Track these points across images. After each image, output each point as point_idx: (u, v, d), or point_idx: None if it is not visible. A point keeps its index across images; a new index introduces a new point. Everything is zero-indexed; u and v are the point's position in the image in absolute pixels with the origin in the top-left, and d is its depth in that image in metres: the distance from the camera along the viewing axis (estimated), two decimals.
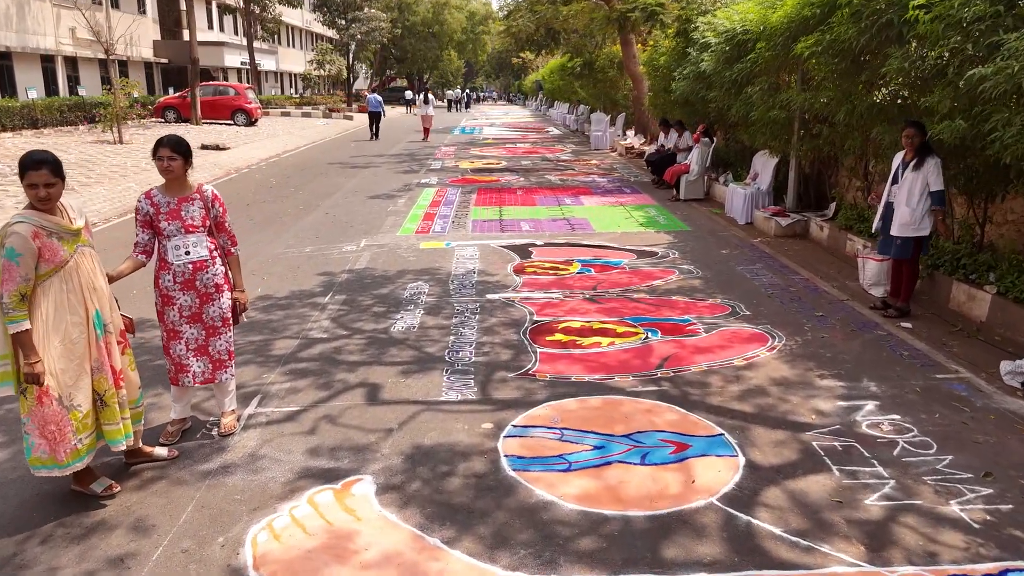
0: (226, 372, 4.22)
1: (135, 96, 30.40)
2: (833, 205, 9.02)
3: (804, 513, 3.45)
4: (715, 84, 10.42)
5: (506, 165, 17.51)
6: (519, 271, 7.78)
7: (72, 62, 28.34)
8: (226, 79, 41.32)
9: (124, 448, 3.67)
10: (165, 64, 35.11)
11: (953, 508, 3.48)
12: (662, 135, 14.26)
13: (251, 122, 27.56)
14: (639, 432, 4.25)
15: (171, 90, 32.52)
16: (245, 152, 19.67)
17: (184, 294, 4.07)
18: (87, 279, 3.46)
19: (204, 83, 29.40)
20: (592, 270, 7.80)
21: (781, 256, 8.34)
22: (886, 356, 5.38)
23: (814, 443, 4.11)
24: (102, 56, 29.74)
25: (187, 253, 4.06)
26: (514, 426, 4.33)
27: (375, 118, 25.32)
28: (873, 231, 6.27)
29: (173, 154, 4.02)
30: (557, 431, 4.27)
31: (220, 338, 4.18)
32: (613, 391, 4.81)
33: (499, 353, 5.47)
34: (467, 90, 66.32)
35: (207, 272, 4.11)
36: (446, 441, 4.16)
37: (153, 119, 27.56)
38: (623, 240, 9.23)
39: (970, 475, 3.77)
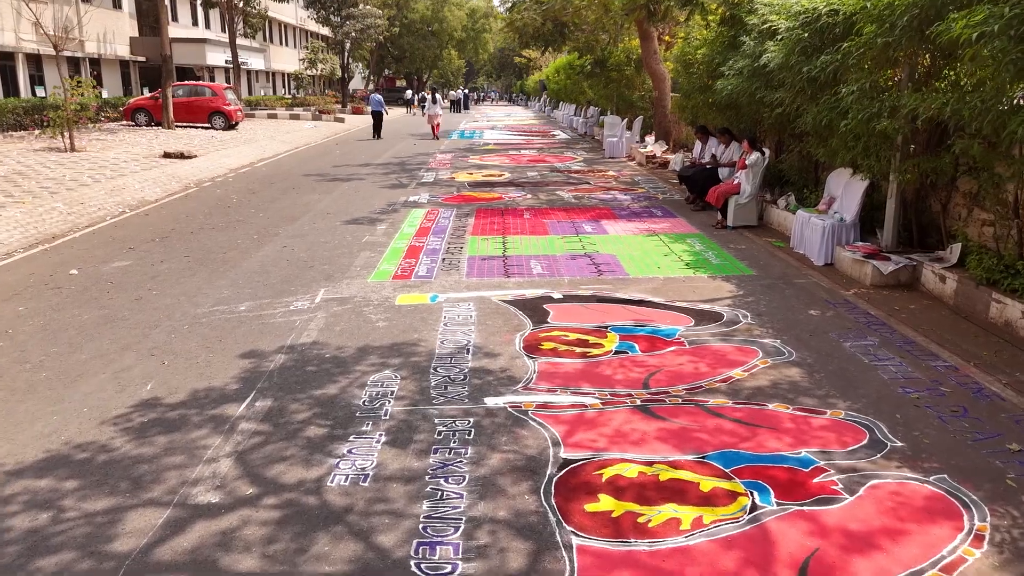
0: None
1: (105, 97, 28.15)
2: (955, 248, 6.66)
3: None
4: (783, 82, 8.08)
5: (510, 177, 15.16)
6: (532, 347, 5.44)
7: (35, 60, 26.02)
8: (212, 79, 39.03)
9: None
10: (143, 63, 32.77)
11: None
12: (698, 144, 11.92)
13: (230, 125, 25.24)
14: None
15: (146, 91, 30.21)
16: (213, 161, 17.35)
17: None
18: None
19: (178, 83, 27.09)
20: (636, 347, 5.46)
21: (897, 322, 5.98)
22: None
23: None
24: (69, 53, 27.47)
25: None
26: None
27: (378, 118, 25.70)
28: None
29: None
30: None
31: None
32: None
33: (507, 550, 3.13)
34: (465, 90, 63.97)
35: None
36: None
37: (123, 122, 25.24)
38: (669, 291, 6.89)
39: None
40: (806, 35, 7.29)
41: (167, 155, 17.20)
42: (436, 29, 64.43)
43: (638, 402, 4.53)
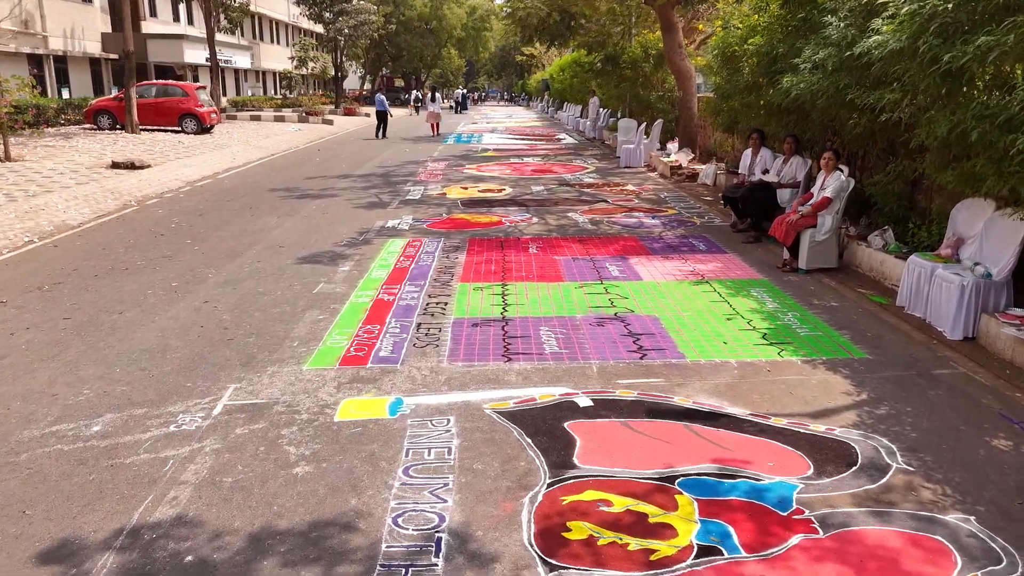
0: None
1: (66, 98, 25.89)
2: None
3: None
4: (896, 77, 5.77)
5: (511, 193, 12.83)
6: (551, 534, 3.14)
7: None
8: (196, 79, 36.76)
9: None
10: (116, 60, 30.40)
11: None
12: (746, 155, 9.58)
13: (204, 129, 22.91)
14: None
15: (116, 91, 27.87)
16: (170, 171, 15.04)
17: None
18: None
19: (145, 82, 24.78)
20: (732, 534, 3.14)
21: None
22: None
23: None
24: (29, 50, 25.22)
25: None
26: None
27: (382, 118, 25.25)
28: None
29: None
30: None
31: None
32: None
33: None
34: (464, 90, 61.63)
35: None
36: None
37: (85, 126, 22.93)
38: (752, 391, 4.56)
39: None
40: (948, 7, 4.95)
41: (115, 165, 14.89)
42: (435, 27, 62.08)
43: None
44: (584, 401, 4.44)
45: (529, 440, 3.95)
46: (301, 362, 5.08)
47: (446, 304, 6.39)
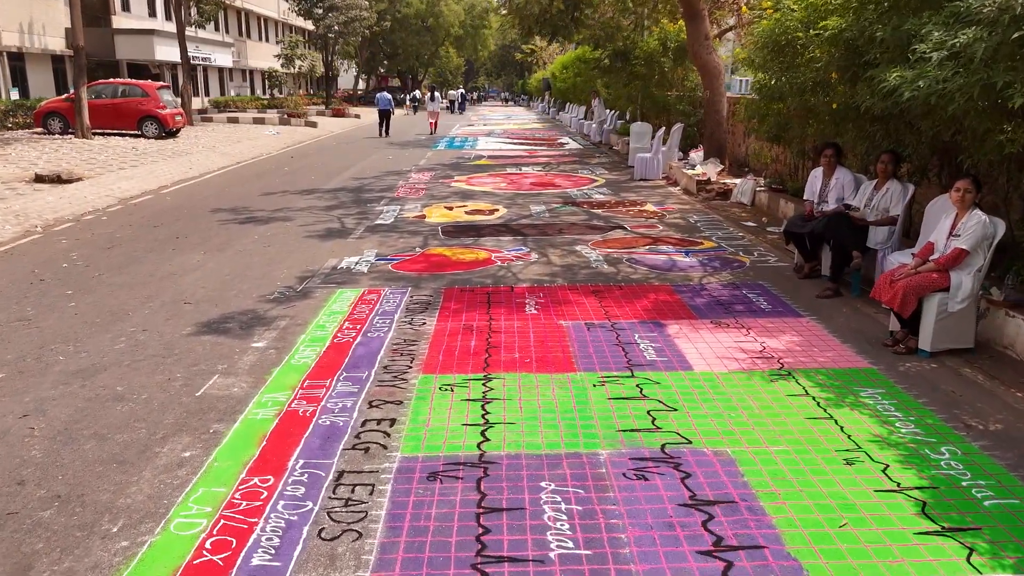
0: None
1: (16, 98, 23.72)
2: None
3: None
4: None
5: (506, 216, 10.52)
6: None
7: None
8: (174, 78, 34.47)
9: None
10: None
11: None
12: (814, 176, 7.27)
13: (168, 132, 20.63)
14: None
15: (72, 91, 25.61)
16: (104, 186, 12.76)
17: None
18: None
19: (102, 81, 22.48)
20: None
21: None
22: None
23: None
24: None
25: None
26: None
27: (385, 116, 25.64)
28: None
29: None
30: None
31: None
32: None
33: None
34: (462, 90, 59.33)
35: None
36: None
37: (36, 129, 20.67)
38: None
39: None
40: None
41: (38, 179, 12.63)
42: (432, 24, 59.87)
43: None
44: None
45: None
46: None
47: (392, 424, 4.09)
